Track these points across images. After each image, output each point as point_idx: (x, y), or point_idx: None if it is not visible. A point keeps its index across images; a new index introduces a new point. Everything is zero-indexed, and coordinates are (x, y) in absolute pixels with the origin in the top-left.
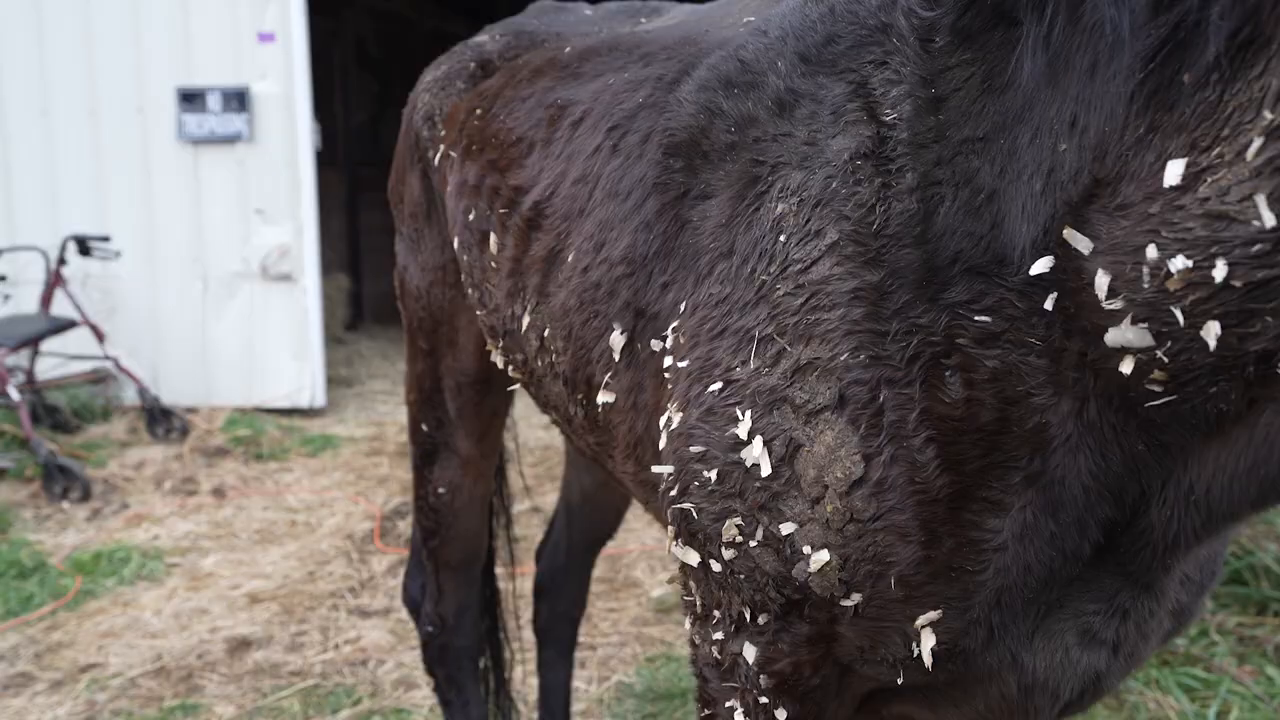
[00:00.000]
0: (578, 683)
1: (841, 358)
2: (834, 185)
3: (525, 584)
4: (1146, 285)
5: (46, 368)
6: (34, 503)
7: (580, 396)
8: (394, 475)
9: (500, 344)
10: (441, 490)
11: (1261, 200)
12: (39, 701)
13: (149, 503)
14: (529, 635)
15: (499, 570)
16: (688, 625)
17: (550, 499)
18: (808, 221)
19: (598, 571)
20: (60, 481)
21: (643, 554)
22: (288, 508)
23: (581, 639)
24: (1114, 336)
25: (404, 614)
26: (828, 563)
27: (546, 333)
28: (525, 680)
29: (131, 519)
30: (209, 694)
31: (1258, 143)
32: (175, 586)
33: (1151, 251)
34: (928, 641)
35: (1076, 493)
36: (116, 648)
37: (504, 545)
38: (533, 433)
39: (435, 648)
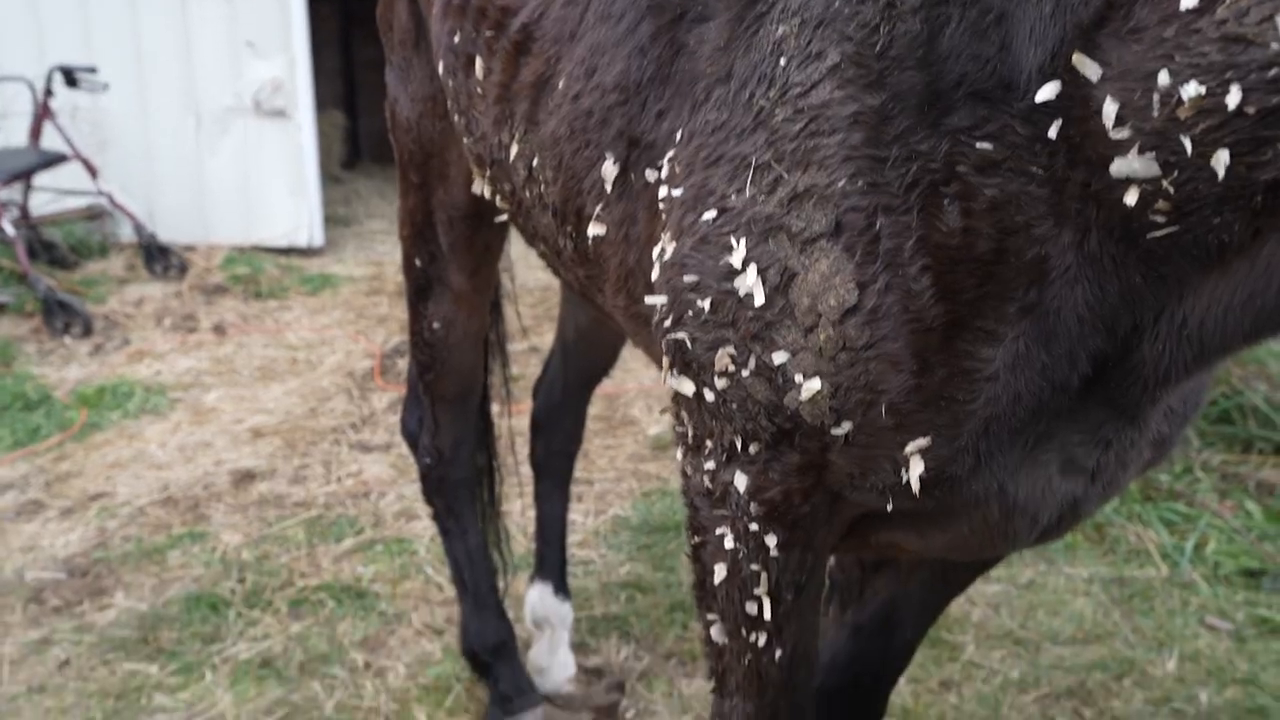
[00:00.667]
0: (575, 516)
1: (839, 184)
2: (837, 5)
3: (522, 421)
4: (1156, 113)
5: (40, 203)
6: (36, 337)
7: (570, 229)
8: (393, 314)
9: (487, 173)
10: (436, 325)
11: None
12: (51, 528)
13: (150, 339)
14: (527, 471)
15: (496, 408)
16: (680, 456)
17: (548, 339)
18: (809, 43)
19: (595, 409)
20: (61, 317)
21: (640, 393)
22: (288, 345)
23: (579, 475)
24: (1119, 166)
25: (405, 449)
26: (819, 391)
27: (535, 162)
28: (524, 513)
29: (133, 354)
30: (216, 523)
31: None
32: (179, 421)
33: (1163, 78)
34: (916, 468)
35: (1071, 324)
36: (124, 478)
37: (500, 382)
38: (531, 273)
39: (434, 479)
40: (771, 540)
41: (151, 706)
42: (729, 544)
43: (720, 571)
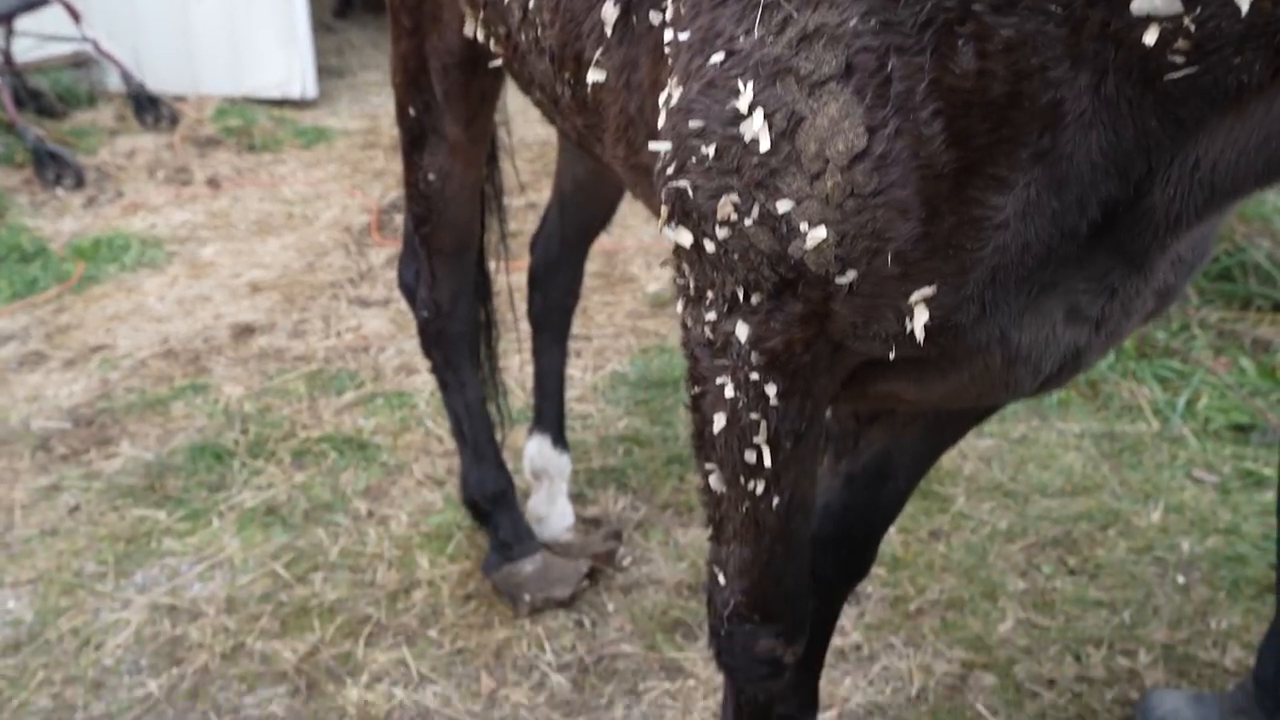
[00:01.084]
0: (574, 372)
1: (850, 23)
2: None
3: (521, 278)
4: None
5: (23, 49)
6: (28, 189)
7: (568, 75)
8: (389, 169)
9: (480, 15)
10: (431, 177)
11: None
12: (54, 378)
13: (143, 192)
14: (526, 327)
15: (493, 264)
16: (679, 308)
17: (546, 195)
18: None
19: (594, 266)
20: (52, 168)
21: (639, 250)
22: (284, 200)
23: (577, 331)
24: (1140, 4)
25: (404, 304)
26: (824, 240)
27: (531, 4)
28: (522, 369)
29: (127, 207)
30: (217, 375)
31: None
32: (176, 274)
33: None
34: (920, 317)
35: (1083, 170)
36: (124, 330)
37: (497, 238)
38: (530, 128)
39: (432, 332)
40: (771, 389)
41: (161, 550)
42: (729, 393)
43: (720, 421)
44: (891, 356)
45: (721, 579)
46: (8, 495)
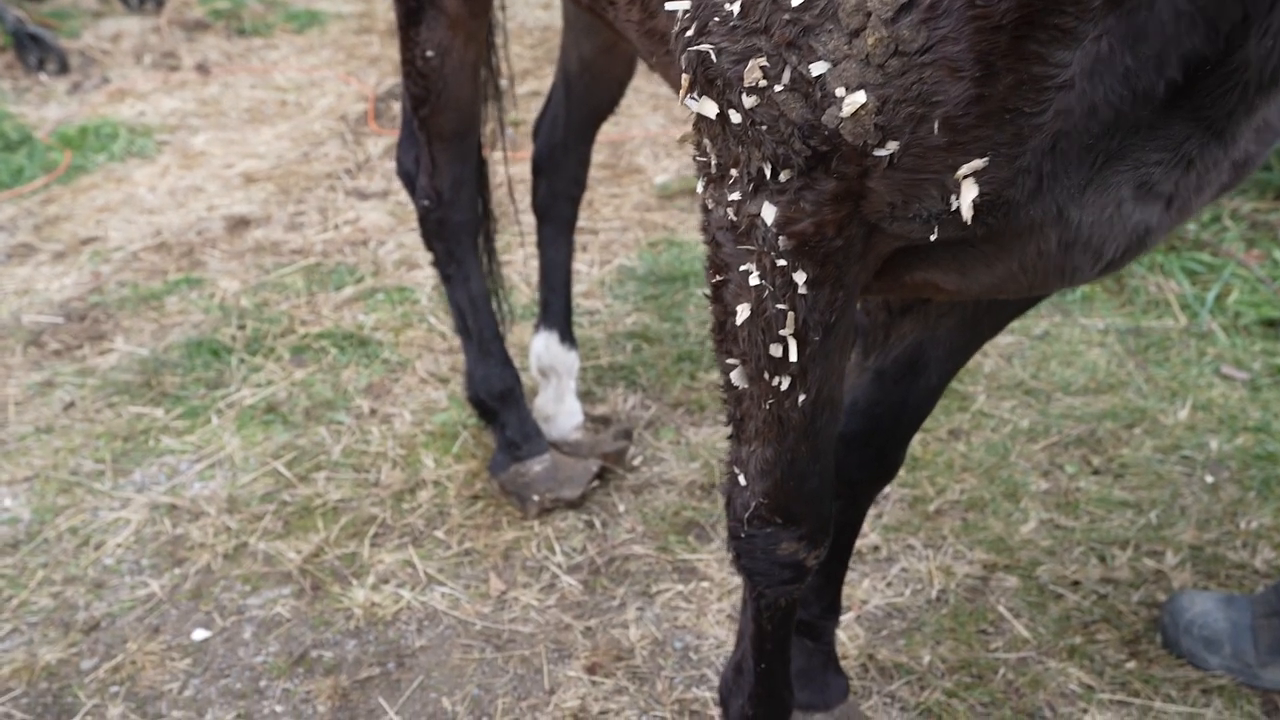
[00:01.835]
0: (580, 266)
1: None
2: None
3: (526, 169)
4: None
5: None
6: (10, 74)
7: None
8: (386, 55)
9: None
10: (430, 53)
11: None
12: (44, 271)
13: (130, 78)
14: (531, 219)
15: (496, 154)
16: (700, 188)
17: (549, 83)
18: None
19: (600, 157)
20: (34, 51)
21: (646, 140)
22: (276, 87)
23: (584, 224)
24: None
25: (403, 196)
26: (863, 105)
27: None
28: (527, 263)
29: (114, 94)
30: (212, 269)
31: None
32: (167, 164)
33: None
34: (969, 193)
35: (1165, 19)
36: (115, 222)
37: (495, 123)
38: (530, 12)
39: (433, 222)
40: (800, 277)
41: (160, 448)
42: (754, 281)
43: (743, 312)
44: (933, 239)
45: (742, 480)
46: (0, 392)
